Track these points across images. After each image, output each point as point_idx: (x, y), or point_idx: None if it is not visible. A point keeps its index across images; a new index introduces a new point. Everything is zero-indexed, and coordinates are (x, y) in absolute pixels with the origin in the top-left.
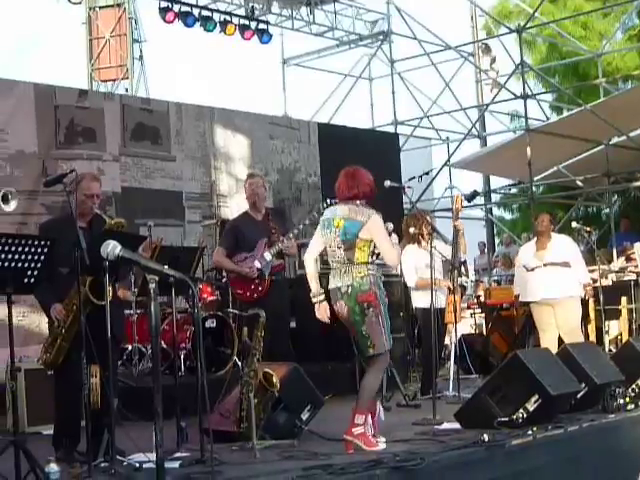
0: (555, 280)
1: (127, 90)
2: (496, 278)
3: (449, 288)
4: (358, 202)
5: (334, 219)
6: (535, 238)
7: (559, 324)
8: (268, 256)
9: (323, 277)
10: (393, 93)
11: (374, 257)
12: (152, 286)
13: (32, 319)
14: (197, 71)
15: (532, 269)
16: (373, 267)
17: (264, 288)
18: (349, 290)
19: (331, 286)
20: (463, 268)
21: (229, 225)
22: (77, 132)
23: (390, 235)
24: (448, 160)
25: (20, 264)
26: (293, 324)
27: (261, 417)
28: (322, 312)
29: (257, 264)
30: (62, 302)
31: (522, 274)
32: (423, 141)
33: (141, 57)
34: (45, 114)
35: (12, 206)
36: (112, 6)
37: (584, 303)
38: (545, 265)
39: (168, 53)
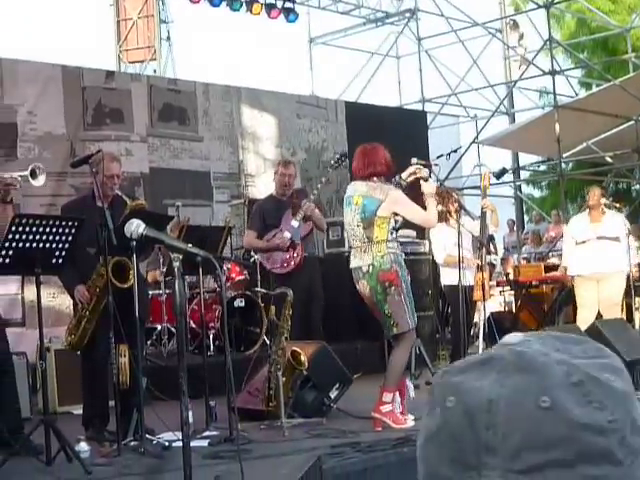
0: (606, 254)
1: (155, 71)
2: (525, 255)
3: (478, 266)
4: (375, 179)
5: (353, 197)
6: (586, 211)
7: (601, 299)
8: (295, 223)
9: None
10: (420, 71)
11: (394, 233)
12: (176, 264)
13: (62, 300)
14: (224, 51)
15: (583, 242)
16: (393, 244)
17: (299, 256)
18: (370, 269)
19: (352, 265)
20: (492, 246)
21: (256, 208)
22: (105, 113)
23: (427, 181)
24: (476, 137)
25: (48, 245)
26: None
27: (289, 395)
28: None
29: (287, 234)
30: (85, 284)
31: (571, 247)
32: (451, 119)
33: (168, 38)
34: (73, 96)
35: (41, 181)
36: None
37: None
38: (599, 238)
39: (195, 33)
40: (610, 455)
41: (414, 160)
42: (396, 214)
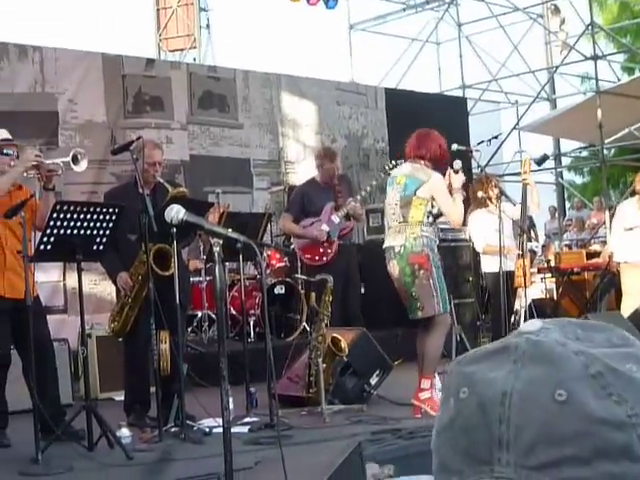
0: None
1: (195, 60)
2: (567, 242)
3: (519, 252)
4: (423, 162)
5: (397, 177)
6: (636, 197)
7: None
8: (336, 219)
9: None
10: (461, 57)
11: (430, 218)
12: (216, 250)
13: (103, 287)
14: (263, 38)
15: (630, 228)
16: (428, 228)
17: (333, 251)
18: (401, 250)
19: (385, 245)
20: (532, 232)
21: (296, 191)
22: (145, 101)
23: (457, 173)
24: (517, 124)
25: (89, 231)
26: (362, 290)
27: (330, 382)
28: None
29: (325, 227)
30: (128, 270)
31: (620, 233)
32: (491, 105)
33: (208, 26)
34: (113, 84)
35: (82, 166)
36: None
37: None
38: None
39: (234, 21)
40: (629, 451)
41: (454, 146)
42: (434, 199)
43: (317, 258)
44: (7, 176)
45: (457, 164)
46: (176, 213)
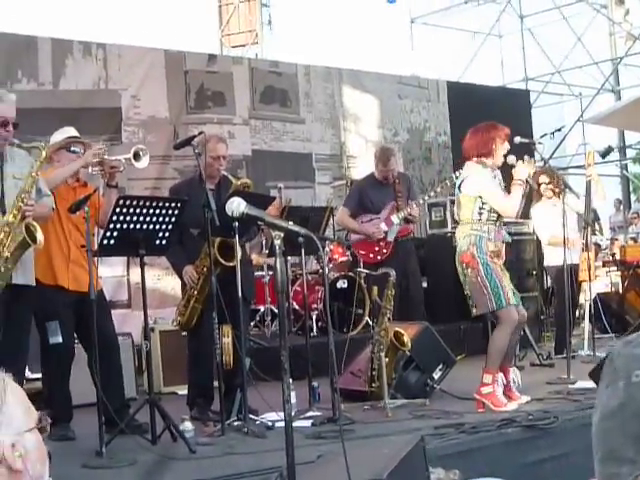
0: None
1: (256, 55)
2: (632, 235)
3: (583, 245)
4: (474, 159)
5: (459, 177)
6: None
7: None
8: (395, 219)
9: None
10: (523, 49)
11: (482, 215)
12: (277, 242)
13: (166, 282)
14: (325, 33)
15: None
16: (479, 226)
17: (388, 251)
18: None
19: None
20: (597, 225)
21: (355, 186)
22: (207, 96)
23: (518, 160)
24: (581, 116)
25: (152, 226)
26: (425, 284)
27: (392, 376)
28: None
29: (383, 226)
30: (193, 264)
31: None
32: (555, 97)
33: (269, 22)
34: (175, 80)
35: (144, 163)
36: None
37: None
38: None
39: (295, 16)
40: None
41: (517, 139)
42: (481, 197)
43: (371, 256)
44: (67, 168)
45: (511, 159)
46: (237, 206)
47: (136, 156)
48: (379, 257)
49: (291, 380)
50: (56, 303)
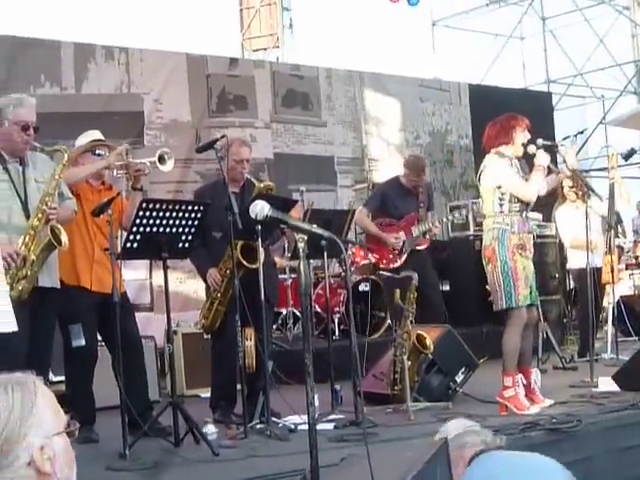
0: None
1: (278, 59)
2: None
3: (606, 248)
4: (494, 150)
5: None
6: None
7: None
8: (415, 231)
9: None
10: (545, 51)
11: (504, 206)
12: (301, 245)
13: (189, 285)
14: (346, 36)
15: None
16: (501, 219)
17: (401, 261)
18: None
19: None
20: (620, 228)
21: (378, 189)
22: (229, 100)
23: (538, 149)
24: (603, 118)
25: (175, 229)
26: (447, 287)
27: (415, 379)
28: None
29: (403, 236)
30: (218, 267)
31: None
32: (577, 99)
33: (291, 25)
34: (197, 83)
35: (169, 166)
36: None
37: None
38: None
39: (317, 20)
40: None
41: (540, 142)
42: (499, 187)
43: (384, 262)
44: (89, 166)
45: (531, 148)
46: (261, 209)
47: (161, 159)
48: (391, 265)
49: (314, 383)
50: (79, 305)
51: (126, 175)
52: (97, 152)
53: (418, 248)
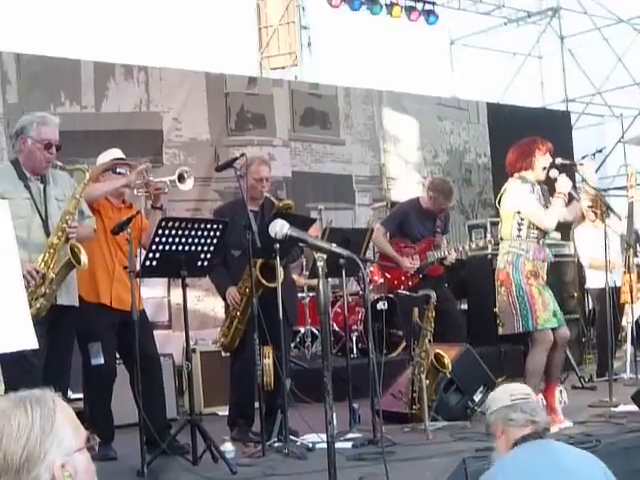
0: None
1: (296, 77)
2: None
3: (625, 268)
4: (516, 175)
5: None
6: None
7: None
8: (431, 257)
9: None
10: (563, 70)
11: (522, 231)
12: (320, 264)
13: (207, 303)
14: (364, 55)
15: None
16: (517, 243)
17: (413, 284)
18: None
19: None
20: (639, 247)
21: (398, 209)
22: (247, 119)
23: (560, 173)
24: (622, 137)
25: (194, 247)
26: (465, 306)
27: (433, 398)
28: None
29: (417, 261)
30: (237, 285)
31: None
32: (595, 118)
33: (309, 44)
34: (216, 102)
35: (189, 185)
36: None
37: None
38: None
39: (335, 38)
40: None
41: (559, 160)
42: (519, 212)
43: (396, 282)
44: (108, 183)
45: (553, 172)
46: (280, 228)
47: (180, 178)
48: (402, 287)
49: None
50: (99, 323)
51: (146, 194)
52: (118, 171)
53: (433, 274)
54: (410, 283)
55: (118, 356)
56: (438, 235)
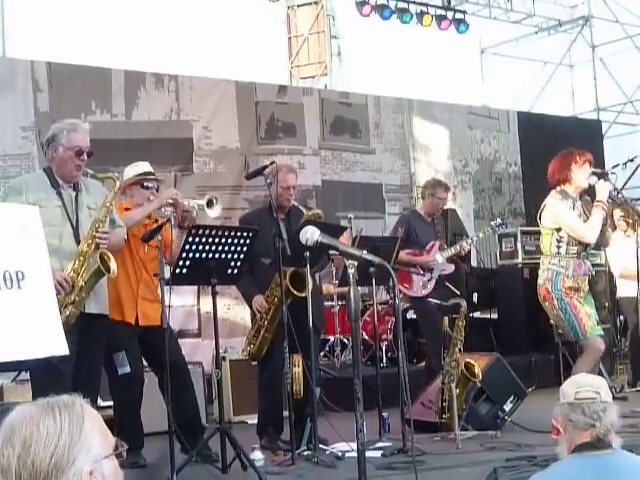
0: None
1: (326, 87)
2: None
3: None
4: (558, 188)
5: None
6: None
7: None
8: (440, 258)
9: None
10: (595, 79)
11: (561, 248)
12: (351, 271)
13: (236, 311)
14: (394, 64)
15: None
16: (557, 260)
17: (430, 288)
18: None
19: None
20: None
21: (401, 219)
22: (277, 127)
23: (600, 179)
24: None
25: (224, 255)
26: (495, 315)
27: (463, 407)
28: None
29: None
30: (264, 294)
31: None
32: (627, 127)
33: (339, 53)
34: (246, 110)
35: (216, 212)
36: (310, 4)
37: None
38: None
39: (365, 48)
40: None
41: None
42: (559, 229)
43: (414, 289)
44: (143, 209)
45: (592, 179)
46: (311, 235)
47: (209, 203)
48: (421, 292)
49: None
50: (122, 335)
51: (174, 214)
52: (145, 185)
53: (444, 273)
54: (428, 286)
55: (146, 363)
56: (440, 238)
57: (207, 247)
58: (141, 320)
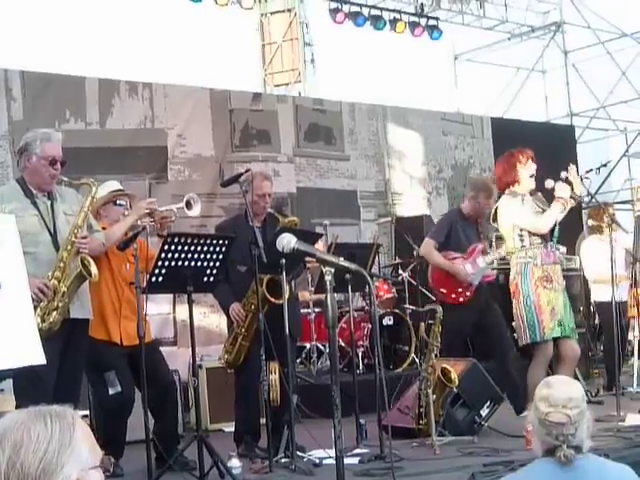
0: None
1: (300, 94)
2: None
3: (631, 283)
4: (507, 191)
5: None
6: None
7: None
8: (482, 263)
9: None
10: (567, 84)
11: (524, 240)
12: (328, 278)
13: (212, 319)
14: (368, 71)
15: None
16: (525, 252)
17: (470, 294)
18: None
19: None
20: None
21: (444, 219)
22: (252, 135)
23: (556, 182)
24: (626, 151)
25: (200, 263)
26: None
27: (440, 413)
28: None
29: (470, 269)
30: (240, 301)
31: None
32: (599, 132)
33: (312, 60)
34: (220, 118)
35: (196, 211)
36: (283, 11)
37: None
38: None
39: (338, 54)
40: None
41: (563, 174)
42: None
43: (453, 296)
44: (121, 224)
45: (548, 183)
46: (287, 242)
47: (188, 205)
48: (460, 298)
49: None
50: (110, 355)
51: (152, 223)
52: (118, 202)
53: (486, 280)
54: (468, 292)
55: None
56: (483, 241)
57: (183, 255)
58: (124, 339)
